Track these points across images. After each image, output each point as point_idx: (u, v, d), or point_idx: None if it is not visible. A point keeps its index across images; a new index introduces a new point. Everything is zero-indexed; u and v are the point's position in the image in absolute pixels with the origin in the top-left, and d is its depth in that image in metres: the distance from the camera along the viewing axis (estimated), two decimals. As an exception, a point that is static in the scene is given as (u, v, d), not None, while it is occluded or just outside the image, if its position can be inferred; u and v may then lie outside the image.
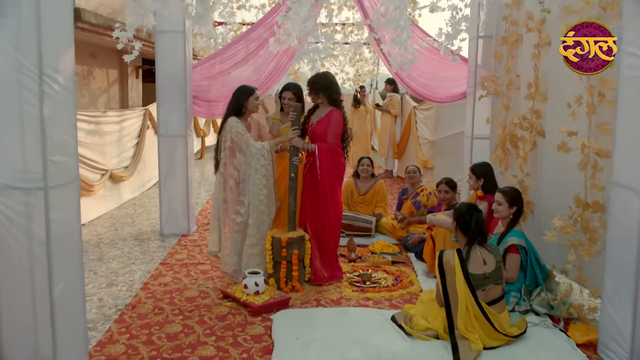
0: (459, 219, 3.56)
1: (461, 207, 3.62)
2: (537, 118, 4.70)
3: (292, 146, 4.52)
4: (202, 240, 5.85)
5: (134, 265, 5.06)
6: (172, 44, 5.78)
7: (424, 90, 6.33)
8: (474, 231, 3.49)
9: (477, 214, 3.53)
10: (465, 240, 3.53)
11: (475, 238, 3.49)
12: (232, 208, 4.55)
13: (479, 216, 3.52)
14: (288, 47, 5.15)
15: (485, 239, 3.54)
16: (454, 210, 3.67)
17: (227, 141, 4.53)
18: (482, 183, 4.69)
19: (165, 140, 5.97)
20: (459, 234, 3.60)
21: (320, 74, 4.67)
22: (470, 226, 3.50)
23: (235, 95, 4.64)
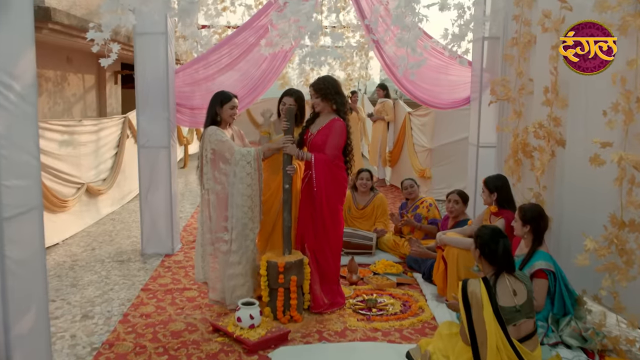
0: (483, 247, 3.12)
1: (483, 233, 3.17)
2: (556, 126, 4.29)
3: (286, 154, 4.05)
4: (187, 261, 5.35)
5: (112, 292, 4.54)
6: (153, 46, 5.29)
7: (426, 96, 5.91)
8: (501, 260, 3.05)
9: (503, 240, 3.09)
10: (491, 270, 3.09)
11: (504, 268, 3.05)
12: (217, 231, 4.07)
13: (505, 243, 3.09)
14: (281, 48, 4.68)
15: (513, 267, 3.10)
16: (475, 237, 3.23)
17: (207, 153, 4.06)
18: (496, 198, 4.26)
19: (146, 152, 5.47)
20: (483, 264, 3.16)
21: (328, 77, 4.20)
22: (497, 255, 3.06)
23: (210, 102, 4.19)
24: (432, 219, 5.40)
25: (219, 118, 4.13)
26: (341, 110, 4.17)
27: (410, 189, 5.59)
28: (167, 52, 5.33)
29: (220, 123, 4.14)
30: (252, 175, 3.94)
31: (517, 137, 4.95)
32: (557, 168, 4.40)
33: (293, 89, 4.51)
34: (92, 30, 3.90)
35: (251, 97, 5.82)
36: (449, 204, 4.85)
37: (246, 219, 3.96)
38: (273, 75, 5.89)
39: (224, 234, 4.06)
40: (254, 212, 3.99)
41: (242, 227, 3.96)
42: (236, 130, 4.34)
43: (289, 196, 4.06)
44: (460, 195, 4.83)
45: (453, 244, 4.21)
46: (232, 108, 4.15)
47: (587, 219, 3.98)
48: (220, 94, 4.19)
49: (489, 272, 3.10)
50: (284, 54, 5.69)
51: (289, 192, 4.06)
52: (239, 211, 3.94)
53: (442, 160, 7.65)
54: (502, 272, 3.04)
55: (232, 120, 4.21)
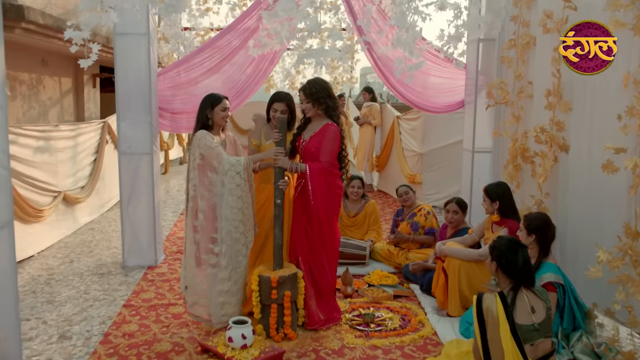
0: (500, 258, 2.92)
1: (499, 244, 2.97)
2: (559, 130, 4.12)
3: (277, 167, 3.81)
4: (171, 274, 5.07)
5: (92, 309, 4.25)
6: (134, 48, 5.01)
7: (419, 99, 5.72)
8: (520, 273, 2.85)
9: (522, 251, 2.90)
10: (509, 284, 2.89)
11: (522, 281, 2.85)
12: (205, 243, 3.82)
13: (524, 254, 2.89)
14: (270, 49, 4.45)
15: (533, 281, 2.90)
16: (490, 248, 3.02)
17: (196, 158, 3.81)
18: (498, 206, 4.07)
19: (127, 159, 5.18)
20: (500, 277, 2.95)
21: (319, 80, 3.97)
22: (516, 267, 2.86)
23: (200, 105, 3.94)
24: (430, 227, 5.19)
25: (210, 122, 3.88)
26: (334, 115, 3.95)
27: (405, 196, 5.37)
28: (150, 53, 5.05)
29: (212, 127, 3.90)
30: (242, 186, 3.69)
31: (516, 142, 4.79)
32: (560, 174, 4.23)
33: (282, 93, 4.24)
34: (70, 29, 3.63)
35: (237, 102, 5.57)
36: (448, 215, 4.65)
37: (237, 233, 3.70)
38: (260, 79, 5.65)
39: (214, 246, 3.80)
40: (246, 226, 3.73)
41: (233, 241, 3.70)
42: (230, 136, 4.09)
43: (280, 211, 3.82)
44: (459, 204, 4.63)
45: (454, 255, 4.01)
46: (223, 110, 3.91)
47: (594, 227, 3.82)
48: (211, 96, 3.94)
49: (506, 287, 2.90)
50: (272, 56, 5.46)
51: (280, 208, 3.82)
52: (229, 225, 3.68)
53: (432, 165, 7.47)
54: (520, 287, 2.84)
55: (224, 123, 3.97)
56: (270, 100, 4.20)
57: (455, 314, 4.02)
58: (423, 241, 5.16)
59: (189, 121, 5.49)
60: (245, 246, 3.75)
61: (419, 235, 5.19)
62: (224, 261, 3.72)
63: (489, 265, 3.02)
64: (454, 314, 4.02)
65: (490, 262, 3.00)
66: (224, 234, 3.71)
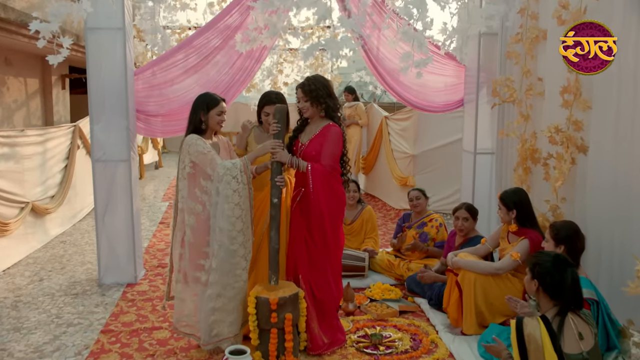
0: (544, 277, 2.57)
1: (543, 260, 2.63)
2: (577, 130, 3.82)
3: (275, 162, 3.41)
4: (153, 292, 4.62)
5: (65, 337, 3.79)
6: (108, 44, 4.55)
7: (417, 99, 5.37)
8: (568, 294, 2.51)
9: (570, 269, 2.56)
10: (553, 306, 2.54)
11: (570, 304, 2.51)
12: (194, 258, 3.42)
13: (574, 272, 2.55)
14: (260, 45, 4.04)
15: (581, 304, 2.56)
16: (532, 265, 2.68)
17: (185, 166, 3.40)
18: (515, 215, 3.73)
19: (102, 167, 4.71)
20: (543, 298, 2.61)
21: (319, 78, 3.58)
22: (564, 287, 2.52)
23: (193, 106, 3.52)
24: (441, 241, 4.81)
25: (204, 125, 3.47)
26: (335, 116, 3.58)
27: (416, 201, 4.99)
28: (126, 50, 4.60)
29: (205, 131, 3.48)
30: (240, 191, 3.28)
31: (525, 143, 4.47)
32: (578, 177, 3.92)
33: (273, 94, 3.84)
34: (37, 22, 3.17)
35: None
36: (458, 222, 4.30)
37: (235, 244, 3.29)
38: (245, 79, 5.21)
39: (205, 261, 3.40)
40: (245, 236, 3.33)
41: (229, 254, 3.29)
42: (223, 140, 3.68)
43: (277, 212, 3.42)
44: (470, 210, 4.29)
45: (470, 268, 3.67)
46: (219, 114, 3.50)
47: (620, 235, 3.51)
48: (206, 97, 3.53)
49: (549, 309, 2.55)
50: (259, 54, 5.04)
51: (277, 208, 3.42)
52: (225, 236, 3.27)
53: (426, 167, 7.14)
54: (567, 311, 2.50)
55: (219, 128, 3.56)
56: (260, 102, 3.80)
57: (470, 332, 3.67)
58: (435, 254, 4.80)
59: (164, 125, 5.08)
60: (244, 258, 3.35)
61: (427, 246, 4.82)
62: (215, 276, 3.31)
63: (529, 283, 2.67)
64: (470, 332, 3.67)
65: (530, 280, 2.66)
66: (216, 247, 3.30)
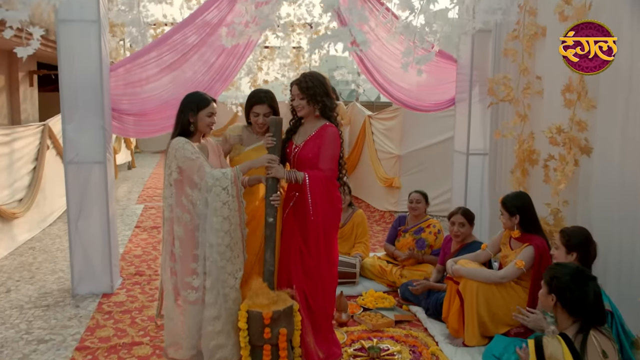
0: (563, 292, 2.39)
1: (561, 273, 2.44)
2: (580, 131, 3.67)
3: (270, 178, 3.17)
4: (131, 302, 4.33)
5: (36, 355, 3.48)
6: (82, 37, 4.24)
7: (408, 98, 5.18)
8: (590, 310, 2.33)
9: (592, 283, 2.38)
10: (573, 323, 2.36)
11: (592, 320, 2.33)
12: (183, 275, 3.15)
13: (596, 286, 2.37)
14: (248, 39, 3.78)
15: (603, 320, 2.38)
16: (549, 278, 2.50)
17: (172, 172, 3.12)
18: (518, 221, 3.55)
19: (75, 169, 4.40)
20: (561, 314, 2.43)
21: (317, 74, 3.33)
22: (585, 303, 2.34)
23: (181, 106, 3.24)
24: (439, 248, 4.60)
25: (192, 127, 3.19)
26: (331, 116, 3.34)
27: (416, 204, 4.77)
28: (101, 44, 4.30)
29: (193, 134, 3.21)
30: (230, 204, 3.02)
31: (523, 144, 4.32)
32: (581, 179, 3.78)
33: (262, 92, 3.54)
34: (2, 9, 2.86)
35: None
36: (454, 227, 4.11)
37: (224, 260, 3.03)
38: (228, 76, 4.95)
39: (192, 279, 3.12)
40: (233, 251, 3.07)
41: (219, 271, 3.03)
42: (212, 143, 3.40)
43: (272, 232, 3.17)
44: (466, 215, 4.10)
45: (472, 276, 3.48)
46: (209, 115, 3.23)
47: (629, 238, 3.37)
48: (196, 96, 3.25)
49: (568, 326, 2.37)
50: (244, 49, 4.77)
51: (272, 228, 3.17)
52: (214, 252, 3.01)
53: (412, 168, 6.96)
54: (589, 328, 2.32)
55: (208, 130, 3.29)
56: (249, 102, 3.51)
57: (472, 343, 3.48)
58: (431, 261, 4.60)
59: (137, 125, 4.78)
60: (232, 276, 3.09)
61: (423, 254, 4.62)
62: (211, 297, 3.04)
63: (545, 298, 2.49)
64: (472, 343, 3.48)
65: (546, 294, 2.47)
66: (208, 264, 3.04)
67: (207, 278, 3.06)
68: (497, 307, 3.46)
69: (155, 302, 3.41)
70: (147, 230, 6.52)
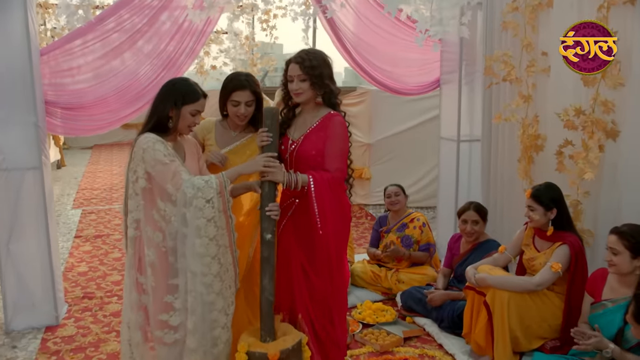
0: None
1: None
2: (606, 112, 3.24)
3: (267, 183, 2.54)
4: (83, 336, 3.59)
5: (-34, 422, 2.71)
6: (2, 18, 3.41)
7: (388, 80, 4.65)
8: None
9: None
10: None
11: None
12: (157, 311, 2.48)
13: None
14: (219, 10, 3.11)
15: None
16: None
17: (139, 178, 2.44)
18: (554, 216, 3.09)
19: (3, 178, 3.57)
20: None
21: (320, 52, 2.71)
22: None
23: (160, 95, 2.54)
24: (426, 243, 4.13)
25: (170, 123, 2.50)
26: (336, 104, 2.75)
27: (395, 198, 4.25)
28: (28, 23, 3.48)
29: (169, 132, 2.52)
30: (217, 220, 2.37)
31: (528, 129, 3.88)
32: (606, 167, 3.36)
33: (242, 75, 2.87)
34: None
35: (144, 102, 4.11)
36: (466, 226, 3.63)
37: (212, 294, 2.38)
38: (185, 61, 4.23)
39: (169, 316, 2.46)
40: (224, 282, 2.43)
41: (205, 308, 2.38)
42: (190, 142, 2.71)
43: (271, 252, 2.55)
44: (479, 211, 3.63)
45: (503, 286, 2.99)
46: (195, 114, 2.54)
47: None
48: (183, 85, 2.53)
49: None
50: (204, 27, 4.05)
51: (271, 247, 2.55)
52: (198, 284, 2.36)
53: (382, 157, 6.45)
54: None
55: (187, 132, 2.62)
56: (225, 88, 2.82)
57: (504, 361, 3.01)
58: (419, 259, 4.11)
59: (64, 120, 4.00)
60: (223, 313, 2.45)
61: (411, 252, 4.13)
62: (193, 342, 2.39)
63: (632, 320, 2.02)
64: (502, 361, 3.01)
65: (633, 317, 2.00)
66: (191, 300, 2.38)
67: (190, 317, 2.41)
68: (530, 318, 3.00)
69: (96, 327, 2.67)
70: (90, 240, 5.67)
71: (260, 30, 7.54)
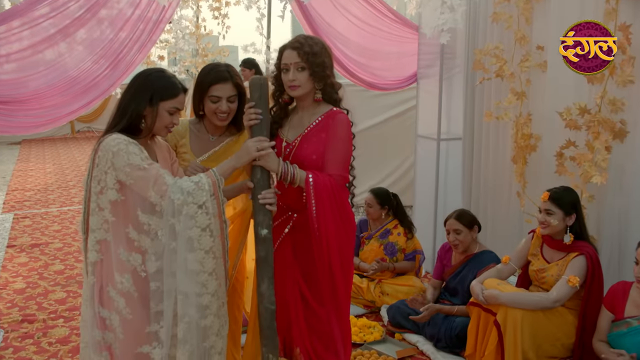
0: None
1: None
2: (614, 111, 3.02)
3: (259, 169, 2.14)
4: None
5: None
6: None
7: (364, 73, 4.31)
8: None
9: None
10: None
11: None
12: (132, 346, 2.03)
13: None
14: None
15: None
16: None
17: (106, 189, 1.97)
18: (572, 222, 2.83)
19: None
20: None
21: (320, 40, 2.32)
22: None
23: (132, 88, 2.08)
24: (413, 251, 3.82)
25: (142, 124, 2.03)
26: (337, 99, 2.37)
27: (367, 208, 3.93)
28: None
29: (140, 132, 2.05)
30: (213, 228, 1.95)
31: (522, 128, 3.64)
32: (612, 170, 3.15)
33: (222, 66, 2.41)
34: None
35: (96, 94, 3.64)
36: (449, 236, 3.32)
37: (210, 317, 1.98)
38: (141, 51, 3.77)
39: (152, 348, 2.02)
40: (220, 299, 2.02)
41: (201, 335, 1.97)
42: (162, 146, 2.24)
43: (268, 252, 2.14)
44: (460, 219, 3.28)
45: (516, 304, 2.69)
46: (173, 112, 2.08)
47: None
48: (160, 79, 2.07)
49: None
50: (162, 12, 3.58)
51: (268, 245, 2.14)
52: (191, 307, 1.94)
53: (349, 154, 6.14)
54: None
55: (165, 134, 2.15)
56: (202, 82, 2.36)
57: (515, 385, 2.73)
58: (404, 269, 3.80)
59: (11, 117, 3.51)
60: (219, 336, 2.04)
61: (395, 260, 3.80)
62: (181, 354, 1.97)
63: None
64: (514, 385, 2.73)
65: None
66: (183, 327, 1.95)
67: (181, 347, 1.98)
68: (543, 337, 2.73)
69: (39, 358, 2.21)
70: (26, 250, 5.01)
71: (212, 19, 7.01)
